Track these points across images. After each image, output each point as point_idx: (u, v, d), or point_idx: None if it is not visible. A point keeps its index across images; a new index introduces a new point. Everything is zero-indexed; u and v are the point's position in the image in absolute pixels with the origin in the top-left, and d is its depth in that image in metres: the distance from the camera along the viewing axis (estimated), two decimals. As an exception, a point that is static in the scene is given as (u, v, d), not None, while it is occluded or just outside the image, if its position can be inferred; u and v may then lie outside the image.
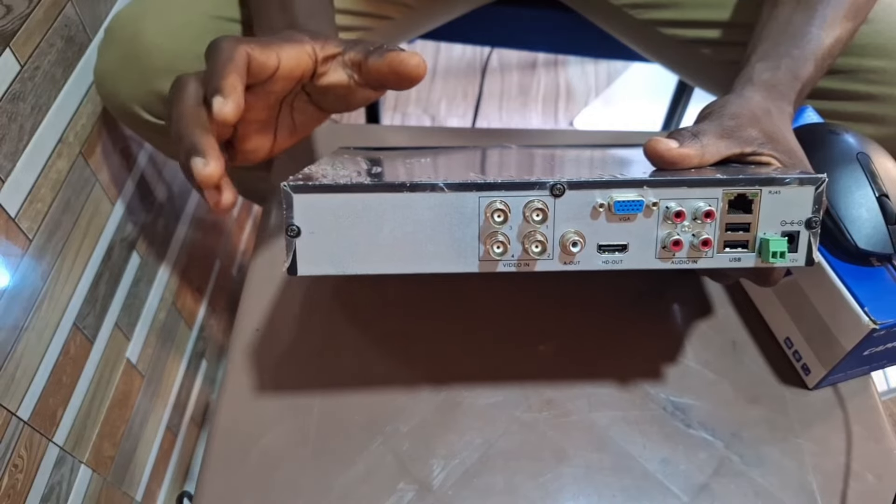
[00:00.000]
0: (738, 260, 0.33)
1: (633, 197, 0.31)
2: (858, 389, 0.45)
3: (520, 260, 0.32)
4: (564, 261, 0.33)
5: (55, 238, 0.53)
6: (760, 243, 0.32)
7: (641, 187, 0.31)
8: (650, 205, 0.32)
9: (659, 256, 0.33)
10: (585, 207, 0.32)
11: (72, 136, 0.55)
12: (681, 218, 0.32)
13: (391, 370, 0.45)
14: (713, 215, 0.32)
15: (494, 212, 0.31)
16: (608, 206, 0.32)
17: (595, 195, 0.31)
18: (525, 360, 0.45)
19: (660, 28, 0.56)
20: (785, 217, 0.32)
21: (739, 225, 0.32)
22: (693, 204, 0.32)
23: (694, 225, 0.32)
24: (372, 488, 0.40)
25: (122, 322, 0.64)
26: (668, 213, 0.32)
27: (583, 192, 0.31)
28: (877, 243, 0.39)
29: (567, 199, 0.31)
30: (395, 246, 0.32)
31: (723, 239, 0.32)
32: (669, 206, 0.32)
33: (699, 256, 0.33)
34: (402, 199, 0.31)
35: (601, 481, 0.40)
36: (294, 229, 0.31)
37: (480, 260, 0.32)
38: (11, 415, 0.47)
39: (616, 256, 0.33)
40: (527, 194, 0.31)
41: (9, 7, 0.46)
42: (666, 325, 0.48)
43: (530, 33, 0.79)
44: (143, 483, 0.69)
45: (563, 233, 0.32)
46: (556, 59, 1.43)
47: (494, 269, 0.33)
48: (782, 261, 0.32)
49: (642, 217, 0.32)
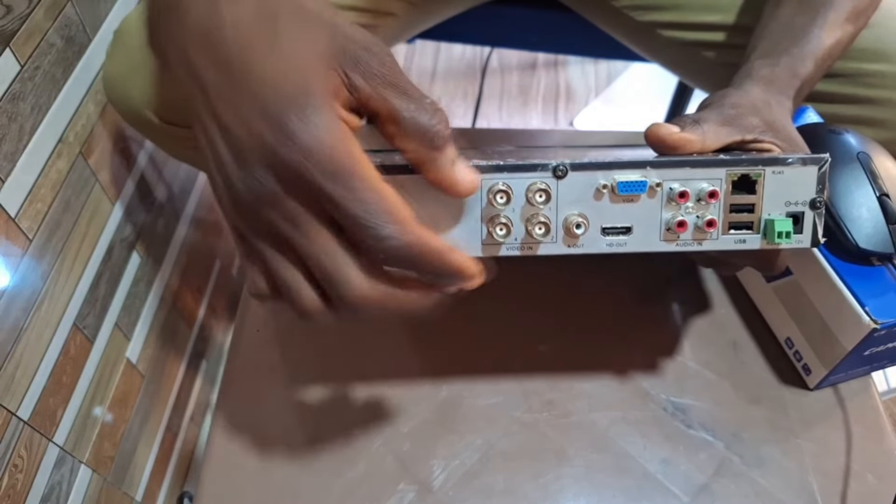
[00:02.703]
0: (744, 241, 0.33)
1: (637, 178, 0.31)
2: (859, 390, 0.45)
3: (523, 243, 0.32)
4: (568, 244, 0.32)
5: (55, 238, 0.53)
6: (765, 224, 0.32)
7: (645, 168, 0.31)
8: (654, 186, 0.31)
9: (664, 238, 0.32)
10: (588, 189, 0.31)
11: (72, 136, 0.55)
12: (685, 198, 0.32)
13: (391, 370, 0.45)
14: (717, 195, 0.32)
15: (497, 193, 0.31)
16: (612, 187, 0.31)
17: (598, 176, 0.31)
18: (525, 361, 0.45)
19: (660, 30, 0.56)
20: (789, 198, 0.32)
21: (744, 206, 0.32)
22: (696, 185, 0.32)
23: (698, 206, 0.32)
24: (372, 489, 0.40)
25: (122, 322, 0.64)
26: (671, 194, 0.32)
27: (585, 174, 0.31)
28: (877, 243, 0.39)
29: (570, 180, 0.31)
30: None
31: (727, 220, 0.32)
32: (673, 187, 0.31)
33: (704, 238, 0.32)
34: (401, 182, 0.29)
35: (601, 482, 0.40)
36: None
37: (483, 243, 0.32)
38: (11, 415, 0.47)
39: (620, 239, 0.32)
40: (529, 176, 0.31)
41: (9, 7, 0.46)
42: (666, 326, 0.48)
43: (530, 33, 0.79)
44: (144, 483, 0.69)
45: (567, 215, 0.32)
46: (556, 59, 1.43)
47: (497, 252, 0.32)
48: (788, 241, 0.32)
49: (646, 198, 0.32)
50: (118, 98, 0.49)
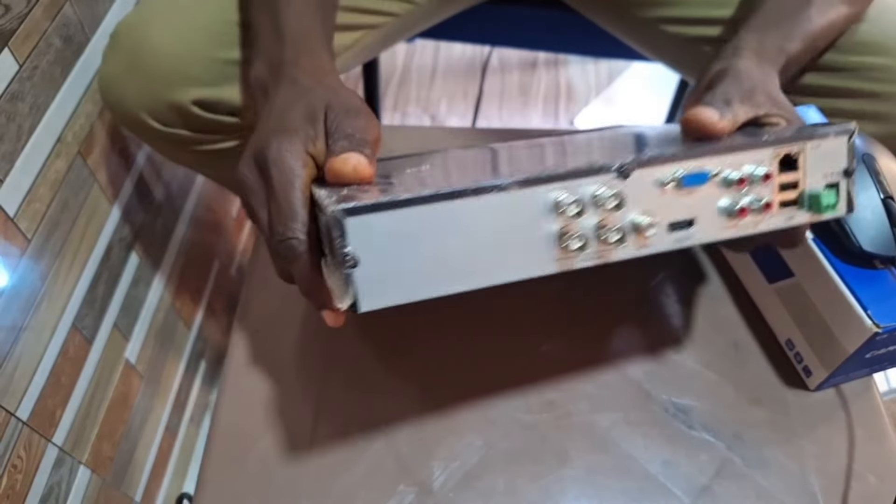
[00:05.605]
0: (792, 218, 0.33)
1: (699, 169, 0.31)
2: (860, 391, 0.45)
3: (599, 251, 0.30)
4: (639, 245, 0.31)
5: (54, 238, 0.53)
6: (810, 198, 0.33)
7: (702, 157, 0.31)
8: (713, 175, 0.31)
9: (726, 226, 0.32)
10: (654, 186, 0.30)
11: (70, 135, 0.55)
12: (743, 184, 0.32)
13: (391, 371, 0.45)
14: (772, 177, 0.32)
15: (568, 204, 0.29)
16: (677, 181, 0.31)
17: (663, 171, 0.30)
18: (526, 362, 0.45)
19: (662, 26, 0.56)
20: (826, 169, 0.33)
21: (789, 184, 0.33)
22: (748, 169, 0.32)
23: (754, 190, 0.32)
24: (372, 490, 0.40)
25: (120, 322, 0.63)
26: (728, 181, 0.31)
27: (650, 170, 0.30)
28: (881, 245, 0.39)
29: (635, 179, 0.30)
30: (465, 259, 0.29)
31: (778, 200, 0.33)
32: (731, 175, 0.31)
33: (760, 221, 0.33)
34: (464, 205, 0.28)
35: (602, 483, 0.40)
36: (351, 260, 0.27)
37: (557, 259, 0.30)
38: (10, 415, 0.47)
39: (686, 233, 0.32)
40: (595, 180, 0.29)
41: (7, 6, 0.46)
42: (667, 327, 0.48)
43: (531, 32, 0.79)
44: (143, 484, 0.69)
45: (636, 216, 0.30)
46: (557, 58, 1.43)
47: (571, 266, 0.30)
48: (833, 212, 0.33)
49: (706, 188, 0.31)
50: (114, 101, 0.49)
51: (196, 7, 0.48)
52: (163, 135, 0.49)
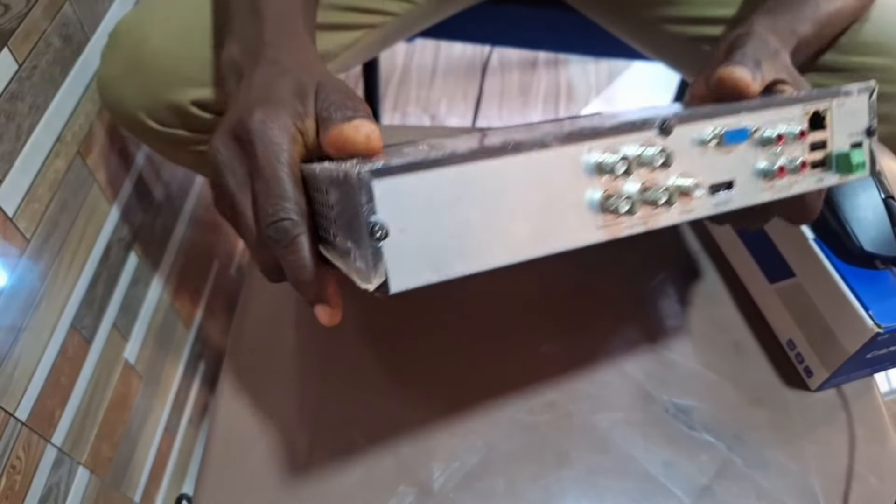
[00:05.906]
0: (821, 180, 0.32)
1: (739, 125, 0.29)
2: (861, 391, 0.45)
3: (644, 216, 0.27)
4: (683, 209, 0.29)
5: (53, 238, 0.53)
6: (838, 158, 0.32)
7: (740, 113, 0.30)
8: (752, 132, 0.30)
9: (763, 188, 0.31)
10: (695, 145, 0.29)
11: (69, 135, 0.54)
12: (780, 141, 0.30)
13: (391, 371, 0.45)
14: (806, 134, 0.31)
15: (615, 163, 0.26)
16: (719, 137, 0.29)
17: (703, 128, 0.29)
18: (526, 362, 0.45)
19: (664, 25, 0.56)
20: (850, 129, 0.32)
21: (818, 143, 0.32)
22: (782, 127, 0.31)
23: (788, 149, 0.31)
24: (372, 491, 0.40)
25: (119, 323, 0.63)
26: (766, 140, 0.30)
27: (691, 127, 0.28)
28: (882, 245, 0.39)
29: (676, 137, 0.28)
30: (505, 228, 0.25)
31: (809, 160, 0.32)
32: (766, 132, 0.30)
33: (795, 181, 0.31)
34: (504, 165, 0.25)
35: (603, 484, 0.40)
36: (381, 230, 0.23)
37: (603, 227, 0.27)
38: (9, 416, 0.47)
39: (726, 195, 0.30)
40: (638, 137, 0.27)
41: (7, 6, 0.46)
42: (668, 327, 0.48)
43: (531, 32, 0.79)
44: (142, 485, 0.69)
45: (679, 176, 0.28)
46: (557, 58, 1.43)
47: (618, 233, 0.27)
48: (861, 172, 0.32)
49: (744, 147, 0.30)
50: (112, 101, 0.49)
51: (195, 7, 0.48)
52: (161, 135, 0.49)
